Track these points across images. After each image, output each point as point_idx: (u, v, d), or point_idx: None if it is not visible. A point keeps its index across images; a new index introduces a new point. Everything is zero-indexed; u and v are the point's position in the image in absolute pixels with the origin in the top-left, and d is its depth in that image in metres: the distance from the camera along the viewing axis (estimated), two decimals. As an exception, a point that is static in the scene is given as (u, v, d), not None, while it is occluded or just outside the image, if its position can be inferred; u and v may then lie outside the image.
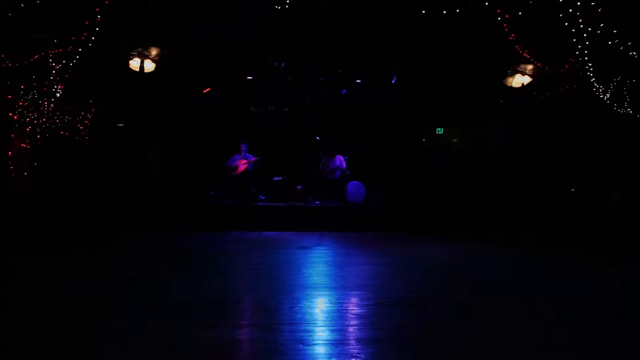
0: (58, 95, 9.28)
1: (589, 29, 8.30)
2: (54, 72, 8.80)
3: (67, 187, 10.78)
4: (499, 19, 8.90)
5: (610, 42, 8.41)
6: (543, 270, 6.91)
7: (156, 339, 3.71)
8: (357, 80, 12.18)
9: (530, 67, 10.97)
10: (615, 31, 8.25)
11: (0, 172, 9.60)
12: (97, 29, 8.39)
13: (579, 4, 8.11)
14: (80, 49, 8.62)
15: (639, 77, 9.54)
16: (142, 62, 10.54)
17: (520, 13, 8.74)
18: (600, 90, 9.63)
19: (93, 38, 8.51)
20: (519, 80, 11.40)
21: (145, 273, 6.21)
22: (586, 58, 8.90)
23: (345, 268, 6.94)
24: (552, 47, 9.55)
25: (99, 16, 8.21)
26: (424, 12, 9.04)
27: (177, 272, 6.31)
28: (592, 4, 8.03)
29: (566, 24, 8.37)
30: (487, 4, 8.64)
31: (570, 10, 8.23)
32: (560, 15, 8.34)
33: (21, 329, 3.91)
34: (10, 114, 9.39)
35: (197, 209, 10.95)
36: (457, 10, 8.94)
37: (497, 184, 12.45)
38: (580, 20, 8.24)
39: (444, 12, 8.96)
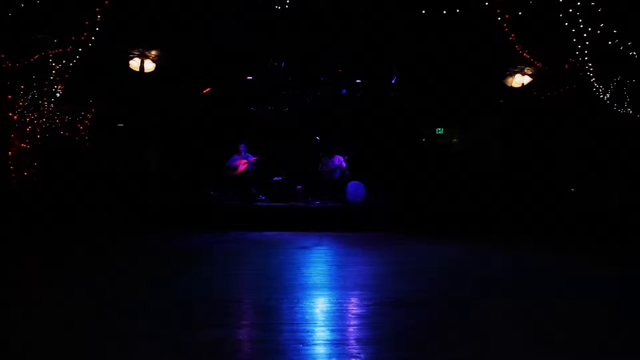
0: (58, 95, 9.29)
1: (589, 29, 8.32)
2: (54, 72, 8.82)
3: (67, 187, 10.78)
4: (499, 19, 8.91)
5: (610, 42, 8.43)
6: (543, 270, 6.90)
7: (156, 339, 3.71)
8: (357, 80, 12.18)
9: (530, 67, 10.97)
10: (615, 31, 8.26)
11: (0, 172, 9.61)
12: (97, 29, 8.41)
13: (579, 4, 8.12)
14: (80, 49, 8.64)
15: (639, 77, 9.55)
16: (142, 62, 10.56)
17: (520, 13, 8.76)
18: (600, 90, 9.64)
19: (93, 38, 8.54)
20: (519, 80, 11.42)
21: (145, 273, 6.21)
22: (586, 58, 8.91)
23: (345, 268, 6.94)
24: (552, 47, 9.56)
25: (99, 16, 8.24)
26: (424, 12, 9.05)
27: (176, 272, 6.31)
28: (592, 4, 8.05)
29: (566, 24, 8.39)
30: (487, 4, 8.65)
31: (570, 10, 8.25)
32: (560, 15, 8.36)
33: (21, 329, 3.91)
34: (10, 114, 9.40)
35: (197, 209, 10.95)
36: (457, 10, 8.95)
37: (497, 184, 12.45)
38: (580, 20, 8.26)
39: (444, 12, 8.97)
